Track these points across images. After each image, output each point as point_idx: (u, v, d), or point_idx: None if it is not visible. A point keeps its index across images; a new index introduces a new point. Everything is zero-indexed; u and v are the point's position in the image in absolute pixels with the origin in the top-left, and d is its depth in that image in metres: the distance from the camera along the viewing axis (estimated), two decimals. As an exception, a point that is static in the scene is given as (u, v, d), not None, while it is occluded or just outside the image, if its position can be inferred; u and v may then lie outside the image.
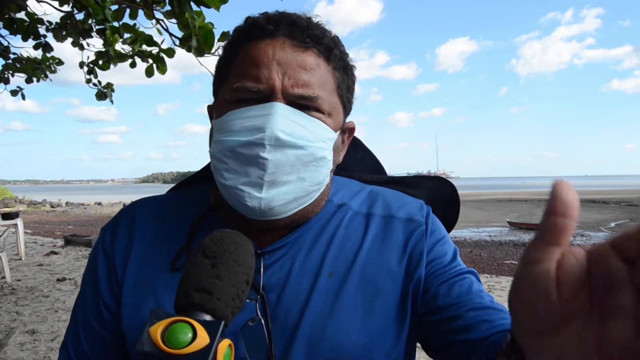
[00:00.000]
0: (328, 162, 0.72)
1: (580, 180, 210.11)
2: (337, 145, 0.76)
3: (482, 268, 10.45)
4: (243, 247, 0.55)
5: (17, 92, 4.29)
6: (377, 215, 0.79)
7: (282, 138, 0.66)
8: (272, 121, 0.65)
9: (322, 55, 0.70)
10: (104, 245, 0.81)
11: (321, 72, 0.70)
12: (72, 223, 25.09)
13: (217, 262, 0.52)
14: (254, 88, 0.68)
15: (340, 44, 0.75)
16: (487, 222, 25.55)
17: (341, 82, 0.73)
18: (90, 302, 0.79)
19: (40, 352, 4.17)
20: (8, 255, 7.54)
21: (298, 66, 0.68)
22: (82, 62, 3.89)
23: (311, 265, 0.73)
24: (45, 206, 42.85)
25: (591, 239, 19.07)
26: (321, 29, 0.72)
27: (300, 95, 0.67)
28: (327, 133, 0.71)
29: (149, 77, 3.26)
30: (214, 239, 0.54)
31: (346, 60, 0.75)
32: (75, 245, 10.58)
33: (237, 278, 0.52)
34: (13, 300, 5.87)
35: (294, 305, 0.71)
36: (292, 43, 0.69)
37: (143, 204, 0.85)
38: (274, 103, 0.67)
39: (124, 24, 3.02)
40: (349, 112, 0.79)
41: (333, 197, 0.81)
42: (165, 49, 3.17)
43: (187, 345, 0.45)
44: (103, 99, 4.30)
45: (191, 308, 0.49)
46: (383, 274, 0.74)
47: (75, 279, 7.15)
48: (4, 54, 3.93)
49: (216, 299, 0.50)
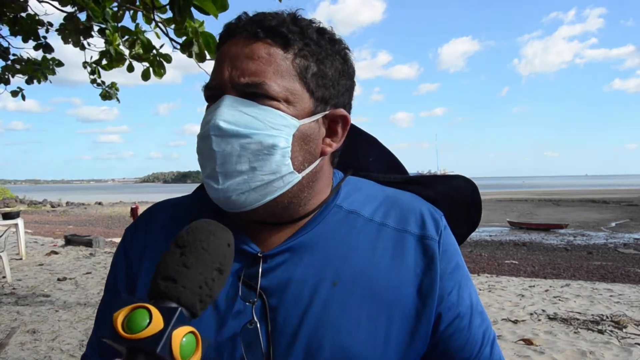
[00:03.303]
0: (282, 150, 0.69)
1: (580, 180, 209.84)
2: (309, 134, 0.72)
3: (482, 267, 10.44)
4: (216, 235, 0.55)
5: (18, 92, 4.29)
6: (390, 228, 0.77)
7: (223, 127, 0.67)
8: (217, 112, 0.68)
9: (276, 44, 0.71)
10: (125, 246, 0.83)
11: (274, 60, 0.70)
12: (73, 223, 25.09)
13: (187, 251, 0.53)
14: (210, 85, 0.73)
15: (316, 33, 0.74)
16: (488, 222, 25.53)
17: (305, 69, 0.72)
18: (109, 303, 0.82)
19: (41, 351, 4.17)
20: (9, 255, 7.55)
21: (245, 57, 0.70)
22: (85, 62, 3.89)
23: (315, 272, 0.72)
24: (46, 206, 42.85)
25: (591, 238, 19.06)
26: (280, 19, 0.72)
27: (246, 83, 0.69)
28: (282, 120, 0.69)
29: (145, 81, 3.26)
30: (189, 229, 0.56)
31: (321, 48, 0.74)
32: (76, 244, 10.59)
33: (205, 266, 0.53)
34: (14, 300, 5.87)
35: (293, 311, 0.70)
36: (244, 37, 0.71)
37: (161, 206, 0.87)
38: (224, 96, 0.70)
39: (123, 27, 3.02)
40: (332, 100, 0.75)
41: (343, 203, 0.78)
42: (163, 53, 3.17)
43: (142, 330, 0.46)
44: (108, 99, 4.29)
45: (158, 296, 0.50)
46: (391, 291, 0.73)
47: (75, 278, 7.16)
48: (4, 55, 3.93)
49: (181, 286, 0.51)
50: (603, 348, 4.18)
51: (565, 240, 18.36)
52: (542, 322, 5.04)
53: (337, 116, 0.76)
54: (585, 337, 4.50)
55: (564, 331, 4.70)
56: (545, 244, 17.34)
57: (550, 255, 13.86)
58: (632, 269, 10.76)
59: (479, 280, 7.72)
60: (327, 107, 0.75)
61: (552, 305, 5.85)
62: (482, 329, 0.78)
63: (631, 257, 13.60)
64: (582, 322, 4.99)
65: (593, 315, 5.23)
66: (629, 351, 4.08)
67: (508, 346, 4.28)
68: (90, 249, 10.04)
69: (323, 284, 0.71)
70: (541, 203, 42.53)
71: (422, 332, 0.73)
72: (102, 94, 4.28)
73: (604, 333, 4.59)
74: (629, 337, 4.46)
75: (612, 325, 4.82)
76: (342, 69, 0.77)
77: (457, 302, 0.76)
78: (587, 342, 4.34)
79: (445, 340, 0.75)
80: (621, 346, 4.22)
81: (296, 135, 0.71)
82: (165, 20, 2.73)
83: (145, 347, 0.46)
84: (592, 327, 4.80)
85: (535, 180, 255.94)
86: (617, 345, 4.24)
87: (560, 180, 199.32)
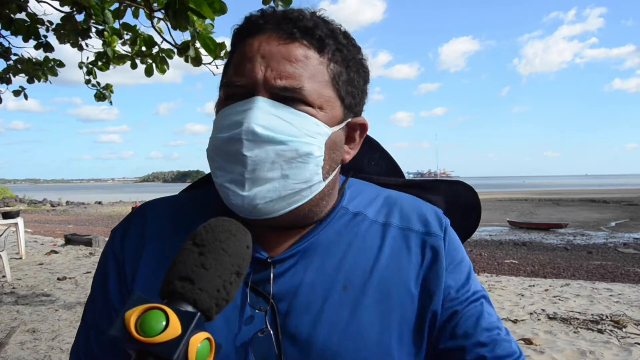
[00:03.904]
0: (316, 159, 0.67)
1: (580, 179, 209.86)
2: (336, 142, 0.71)
3: (482, 267, 10.45)
4: (236, 236, 0.52)
5: (20, 92, 4.29)
6: (394, 227, 0.76)
7: (259, 133, 0.63)
8: (250, 115, 0.64)
9: (312, 46, 0.67)
10: (114, 248, 0.79)
11: (310, 64, 0.67)
12: (73, 222, 25.09)
13: (205, 251, 0.50)
14: (238, 82, 0.67)
15: (344, 37, 0.72)
16: (488, 222, 25.53)
17: (338, 75, 0.69)
18: (99, 305, 0.78)
19: (41, 351, 4.17)
20: (8, 255, 7.55)
21: (282, 58, 0.66)
22: (81, 63, 3.90)
23: (324, 276, 0.71)
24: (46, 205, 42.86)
25: (591, 238, 19.06)
26: (316, 20, 0.69)
27: (283, 87, 0.65)
28: (316, 127, 0.67)
29: (149, 77, 3.26)
30: (207, 226, 0.52)
31: (350, 54, 0.72)
32: (76, 244, 10.59)
33: (224, 268, 0.49)
34: (13, 299, 5.87)
35: (305, 317, 0.69)
36: (278, 35, 0.67)
37: (154, 206, 0.83)
38: (256, 97, 0.65)
39: (124, 24, 3.02)
40: (355, 107, 0.74)
41: (349, 205, 0.77)
42: (165, 49, 3.17)
43: (158, 334, 0.43)
44: (102, 100, 4.30)
45: (172, 296, 0.47)
46: (401, 291, 0.72)
47: (75, 278, 7.16)
48: (5, 55, 3.93)
49: (198, 289, 0.47)
50: (603, 347, 4.18)
51: (565, 240, 18.35)
52: (541, 322, 5.04)
53: (357, 124, 0.75)
54: (585, 337, 4.50)
55: (564, 331, 4.70)
56: (545, 243, 17.33)
57: (550, 255, 13.86)
58: (631, 269, 10.76)
59: (479, 279, 7.70)
60: (351, 115, 0.74)
61: (551, 304, 5.84)
62: (494, 317, 0.77)
63: (631, 256, 13.60)
64: (582, 321, 4.98)
65: (593, 315, 5.23)
66: (628, 351, 4.08)
67: (508, 346, 4.28)
68: (90, 249, 10.04)
69: (334, 289, 0.70)
70: (541, 203, 42.53)
71: (431, 327, 0.73)
72: (97, 94, 4.28)
73: (604, 332, 4.59)
74: (629, 337, 4.46)
75: (612, 325, 4.82)
76: (365, 77, 0.75)
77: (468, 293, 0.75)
78: (586, 342, 4.34)
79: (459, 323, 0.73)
80: (621, 346, 4.22)
81: (327, 143, 0.69)
82: (165, 17, 2.72)
83: (160, 352, 0.43)
84: (592, 326, 4.80)
85: (535, 179, 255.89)
86: (617, 345, 4.24)
87: (560, 180, 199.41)
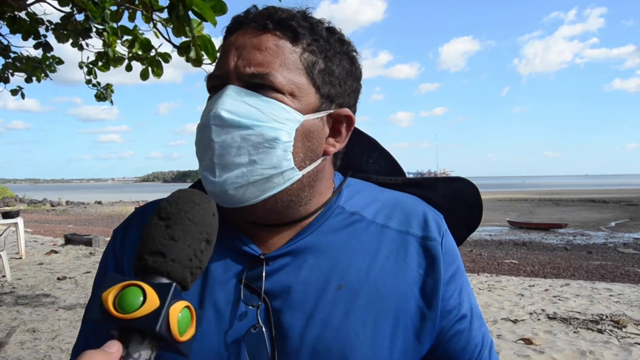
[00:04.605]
0: (285, 144, 0.68)
1: (580, 179, 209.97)
2: (312, 131, 0.71)
3: (482, 267, 10.45)
4: (200, 205, 0.53)
5: (17, 91, 4.28)
6: (392, 229, 0.76)
7: (225, 117, 0.66)
8: (219, 102, 0.67)
9: (285, 36, 0.70)
10: (114, 247, 0.81)
11: (281, 52, 0.69)
12: (72, 222, 25.09)
13: (172, 223, 0.50)
14: (216, 74, 0.71)
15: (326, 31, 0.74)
16: (488, 222, 25.53)
17: (312, 64, 0.71)
18: None
19: (41, 350, 4.18)
20: (8, 254, 7.55)
21: (252, 47, 0.69)
22: (81, 63, 3.89)
23: (319, 275, 0.71)
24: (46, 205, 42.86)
25: (591, 238, 19.06)
26: (293, 14, 0.72)
27: (251, 73, 0.67)
28: (285, 113, 0.68)
29: (144, 80, 3.26)
30: (170, 199, 0.53)
31: (330, 46, 0.73)
32: (76, 244, 10.59)
33: (193, 237, 0.50)
34: (13, 299, 5.88)
35: (298, 315, 0.69)
36: (252, 28, 0.71)
37: (154, 204, 0.85)
38: (227, 85, 0.68)
39: (122, 26, 3.02)
40: (337, 99, 0.75)
41: (345, 204, 0.78)
42: (161, 52, 3.17)
43: (137, 309, 0.44)
44: (102, 100, 4.30)
45: (146, 272, 0.48)
46: (396, 294, 0.72)
47: (75, 277, 7.16)
48: (4, 53, 3.92)
49: (170, 260, 0.48)
50: (602, 347, 4.18)
51: (565, 240, 18.36)
52: (541, 322, 5.04)
53: (342, 116, 0.75)
54: (585, 337, 4.50)
55: (564, 331, 4.70)
56: (545, 243, 17.34)
57: (550, 255, 13.86)
58: (631, 269, 10.77)
59: (479, 279, 7.72)
60: (333, 106, 0.74)
61: (551, 304, 5.85)
62: (481, 332, 0.78)
63: (631, 256, 13.61)
64: (582, 321, 4.99)
65: (593, 315, 5.23)
66: (628, 351, 4.08)
67: (508, 345, 4.29)
68: (90, 248, 10.04)
69: (328, 288, 0.70)
70: (541, 203, 42.55)
71: (427, 334, 0.73)
72: (97, 94, 4.29)
73: (604, 332, 4.59)
74: (629, 337, 4.46)
75: (612, 325, 4.82)
76: (350, 70, 0.76)
77: (459, 305, 0.76)
78: (586, 342, 4.35)
79: (446, 342, 0.75)
80: (621, 346, 4.22)
81: (299, 130, 0.69)
82: (164, 20, 2.72)
83: (143, 327, 0.44)
84: (592, 326, 4.80)
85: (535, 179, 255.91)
86: (617, 345, 4.24)
87: (560, 180, 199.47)
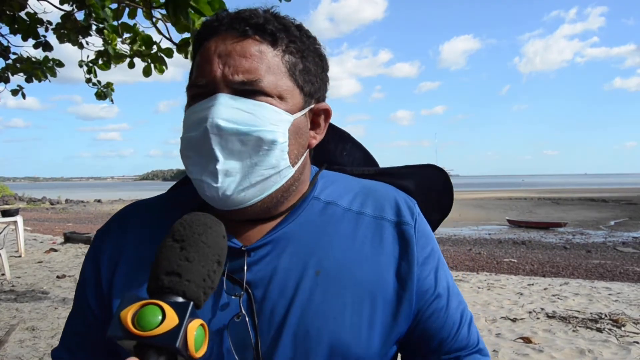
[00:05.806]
0: (281, 145, 0.71)
1: (579, 178, 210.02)
2: (300, 128, 0.75)
3: (481, 266, 10.46)
4: (212, 228, 0.56)
5: (18, 91, 4.29)
6: (367, 216, 0.80)
7: (223, 126, 0.67)
8: (213, 111, 0.68)
9: (265, 41, 0.72)
10: (95, 250, 0.83)
11: (265, 57, 0.71)
12: (72, 220, 25.08)
13: (186, 245, 0.54)
14: (200, 82, 0.72)
15: (296, 30, 0.76)
16: (487, 220, 25.55)
17: (294, 65, 0.74)
18: (77, 304, 0.83)
19: (40, 349, 4.18)
20: (8, 253, 7.55)
21: (238, 55, 0.70)
22: (81, 62, 3.89)
23: (298, 262, 0.74)
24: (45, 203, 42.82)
25: (590, 237, 19.08)
26: (266, 17, 0.74)
27: (241, 81, 0.69)
28: (277, 115, 0.71)
29: (147, 77, 3.26)
30: (183, 222, 0.56)
31: (304, 44, 0.76)
32: (75, 242, 10.59)
33: (207, 259, 0.54)
34: (13, 297, 5.88)
35: (280, 302, 0.72)
36: (232, 35, 0.72)
37: (134, 207, 0.87)
38: (217, 94, 0.69)
39: (123, 23, 3.02)
40: (316, 94, 0.78)
41: (320, 195, 0.81)
42: (164, 48, 3.17)
43: (156, 327, 0.47)
44: (103, 98, 4.31)
45: (162, 291, 0.51)
46: (373, 278, 0.75)
47: (74, 276, 7.16)
48: (4, 54, 3.92)
49: (186, 280, 0.51)
50: (601, 346, 4.19)
51: (564, 239, 18.37)
52: (540, 321, 5.05)
53: (320, 110, 0.79)
54: (584, 336, 4.51)
55: (563, 329, 4.71)
56: (544, 242, 17.35)
57: (549, 254, 13.87)
58: (630, 268, 10.77)
59: (478, 278, 7.73)
60: (312, 101, 0.78)
61: (550, 303, 5.86)
62: (459, 310, 0.82)
63: (630, 255, 13.62)
64: (581, 320, 5.00)
65: (592, 314, 5.24)
66: (627, 349, 4.09)
67: (507, 344, 4.30)
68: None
69: (307, 274, 0.73)
70: (540, 201, 42.55)
71: (404, 315, 0.76)
72: (98, 93, 4.29)
73: (603, 331, 4.60)
74: (628, 336, 4.47)
75: (611, 324, 4.83)
76: (321, 65, 0.80)
77: (435, 285, 0.79)
78: (585, 341, 4.36)
79: (424, 322, 0.78)
80: (620, 344, 4.23)
81: (291, 129, 0.73)
82: (164, 16, 2.72)
83: (162, 343, 0.47)
84: (591, 325, 4.81)
85: (534, 178, 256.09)
86: (616, 344, 4.25)
87: (560, 179, 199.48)
